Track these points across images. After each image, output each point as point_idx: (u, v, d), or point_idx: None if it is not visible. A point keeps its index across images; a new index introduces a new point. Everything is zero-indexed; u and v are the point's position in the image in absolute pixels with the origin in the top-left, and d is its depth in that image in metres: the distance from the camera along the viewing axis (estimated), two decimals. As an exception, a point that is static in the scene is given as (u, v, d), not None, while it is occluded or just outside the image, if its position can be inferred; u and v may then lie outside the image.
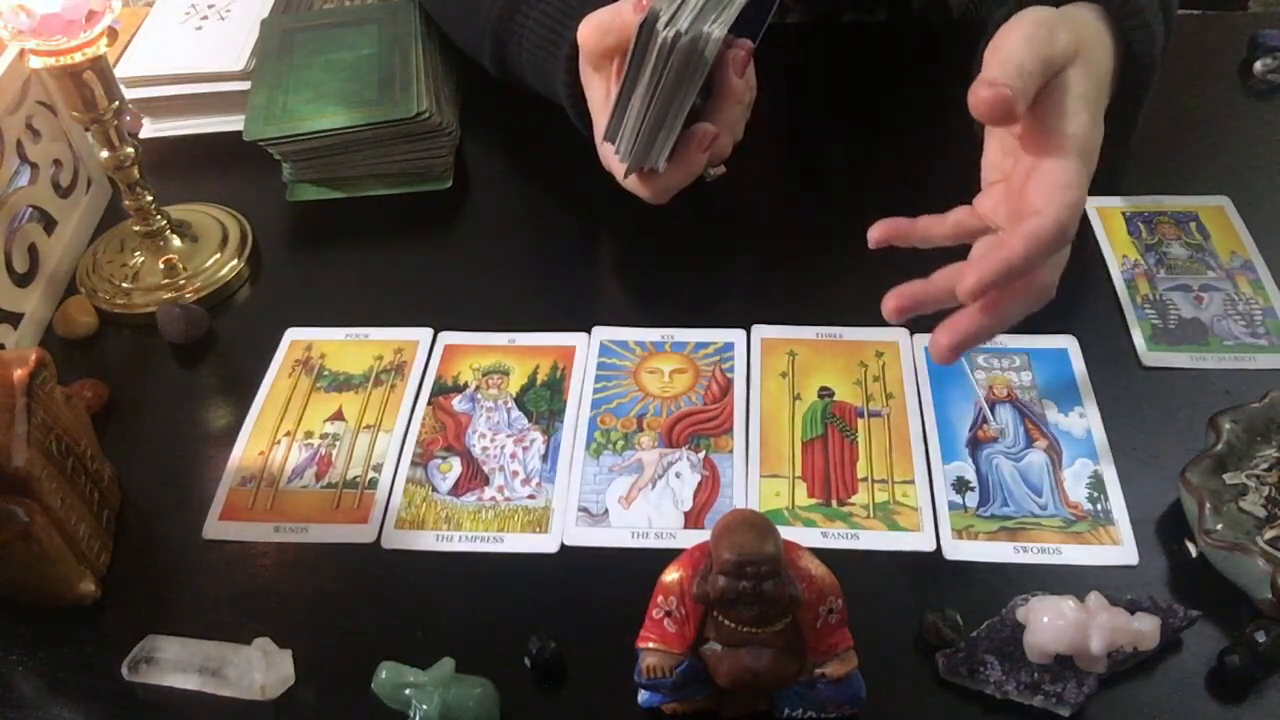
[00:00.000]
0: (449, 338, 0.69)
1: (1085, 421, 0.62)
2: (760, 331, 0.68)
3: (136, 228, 0.73)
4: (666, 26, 0.60)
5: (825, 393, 0.64)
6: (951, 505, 0.58)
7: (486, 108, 0.86)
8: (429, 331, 0.70)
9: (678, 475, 0.61)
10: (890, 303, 0.56)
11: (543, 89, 0.75)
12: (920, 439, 0.62)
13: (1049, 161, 0.54)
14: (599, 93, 0.67)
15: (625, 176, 0.67)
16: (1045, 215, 0.52)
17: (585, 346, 0.68)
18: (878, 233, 0.58)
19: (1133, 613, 0.51)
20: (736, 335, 0.68)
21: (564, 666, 0.52)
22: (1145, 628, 0.50)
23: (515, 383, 0.66)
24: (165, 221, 0.74)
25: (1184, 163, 0.78)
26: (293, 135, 0.76)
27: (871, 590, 0.53)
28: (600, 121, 0.67)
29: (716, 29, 0.60)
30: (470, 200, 0.80)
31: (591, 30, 0.65)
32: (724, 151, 0.68)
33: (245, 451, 0.64)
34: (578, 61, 0.68)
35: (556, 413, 0.65)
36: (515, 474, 0.62)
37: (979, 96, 0.51)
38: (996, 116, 0.52)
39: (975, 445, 0.61)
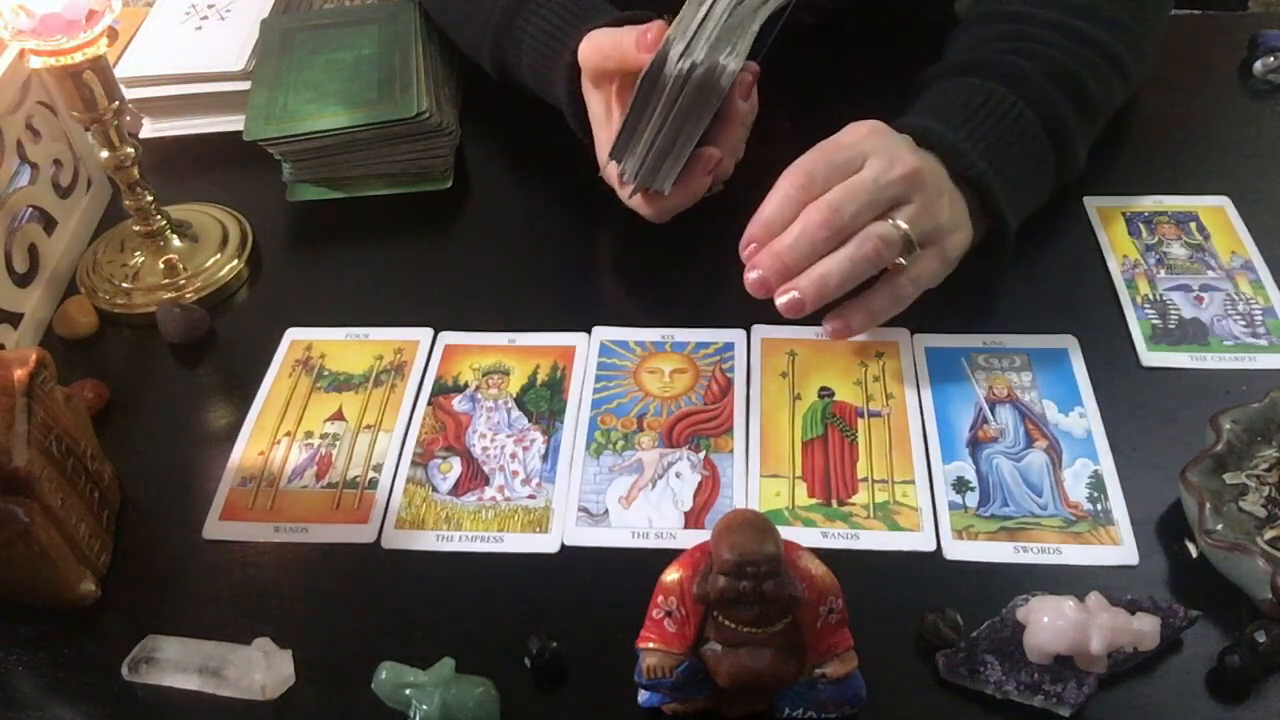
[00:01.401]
0: (449, 338, 0.69)
1: (1085, 421, 0.62)
2: (760, 331, 0.68)
3: (136, 228, 0.73)
4: (682, 57, 0.60)
5: (825, 393, 0.64)
6: (951, 505, 0.58)
7: (486, 108, 0.86)
8: (429, 331, 0.70)
9: (678, 475, 0.61)
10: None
11: (543, 94, 0.75)
12: (920, 439, 0.62)
13: None
14: (599, 107, 0.68)
15: (629, 197, 0.68)
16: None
17: (585, 346, 0.68)
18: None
19: (1133, 613, 0.51)
20: (736, 335, 0.68)
21: (564, 666, 0.52)
22: (1145, 628, 0.50)
23: (515, 383, 0.66)
24: (165, 221, 0.74)
25: (1184, 163, 0.78)
26: (293, 135, 0.76)
27: (871, 590, 0.53)
28: (600, 133, 0.68)
29: (732, 61, 0.60)
30: (470, 200, 0.80)
31: (591, 52, 0.65)
32: (726, 173, 0.68)
33: (245, 451, 0.64)
34: (578, 69, 0.68)
35: (556, 413, 0.65)
36: (515, 474, 0.62)
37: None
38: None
39: (975, 445, 0.61)
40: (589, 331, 0.69)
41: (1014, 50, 0.68)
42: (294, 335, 0.70)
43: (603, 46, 0.65)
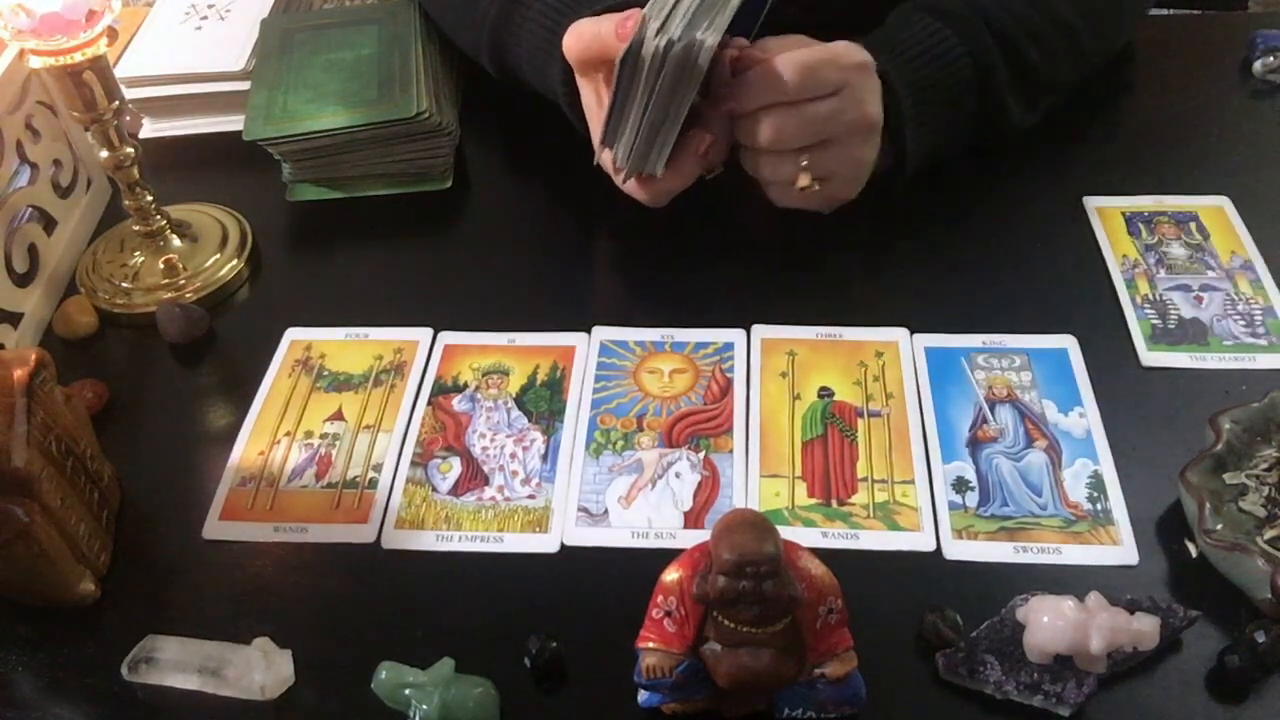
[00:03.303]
0: (449, 338, 0.69)
1: (1085, 421, 0.62)
2: (760, 331, 0.68)
3: (136, 228, 0.73)
4: (658, 35, 0.59)
5: (825, 393, 0.64)
6: (951, 505, 0.58)
7: (486, 108, 0.86)
8: (429, 331, 0.70)
9: (678, 475, 0.61)
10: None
11: (541, 88, 0.75)
12: (920, 439, 0.62)
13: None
14: (591, 98, 0.68)
15: (623, 181, 0.67)
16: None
17: (585, 346, 0.68)
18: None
19: (1133, 613, 0.51)
20: (736, 335, 0.68)
21: (564, 666, 0.52)
22: (1145, 628, 0.50)
23: (515, 383, 0.66)
24: (165, 221, 0.74)
25: (1184, 163, 0.78)
26: (293, 135, 0.76)
27: (871, 590, 0.53)
28: (594, 125, 0.68)
29: (710, 36, 0.59)
30: (470, 200, 0.80)
31: (573, 42, 0.65)
32: (722, 153, 0.68)
33: (245, 451, 0.64)
34: None
35: (556, 413, 0.65)
36: (515, 474, 0.62)
37: None
38: None
39: (975, 445, 0.61)
40: (589, 331, 0.69)
41: (970, 3, 0.71)
42: (294, 335, 0.70)
43: (583, 36, 0.65)
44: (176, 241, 0.74)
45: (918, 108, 0.68)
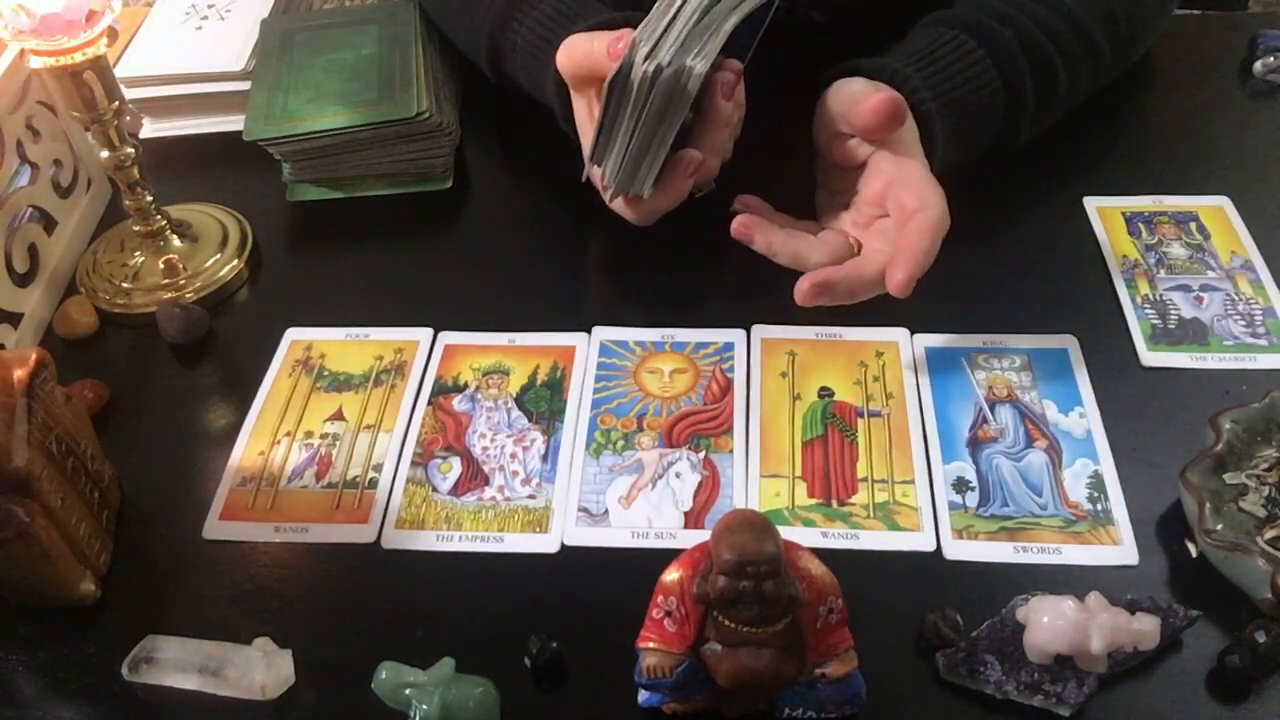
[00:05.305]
0: (449, 338, 0.69)
1: (1085, 421, 0.62)
2: (760, 331, 0.68)
3: (136, 228, 0.73)
4: (647, 60, 0.59)
5: (825, 393, 0.64)
6: (951, 505, 0.58)
7: (486, 108, 0.86)
8: (429, 331, 0.70)
9: (678, 475, 0.61)
10: (805, 283, 0.60)
11: (538, 96, 0.75)
12: (920, 439, 0.62)
13: (910, 170, 0.63)
14: (584, 112, 0.68)
15: (611, 200, 0.67)
16: (931, 209, 0.61)
17: (585, 346, 0.68)
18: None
19: (1133, 613, 0.51)
20: (736, 335, 0.68)
21: (564, 666, 0.52)
22: (1145, 628, 0.50)
23: (515, 383, 0.66)
24: (165, 221, 0.74)
25: (1184, 163, 0.78)
26: (293, 135, 0.76)
27: (871, 590, 0.53)
28: (586, 140, 0.68)
29: (699, 64, 0.59)
30: (470, 200, 0.80)
31: (565, 58, 0.65)
32: (711, 173, 0.67)
33: (245, 451, 0.64)
34: None
35: (556, 413, 0.65)
36: (515, 474, 0.62)
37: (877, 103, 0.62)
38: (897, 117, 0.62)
39: (975, 445, 0.61)
40: (589, 331, 0.69)
41: (1002, 18, 0.70)
42: (294, 335, 0.70)
43: (575, 53, 0.65)
44: (176, 241, 0.74)
45: (948, 145, 0.67)
